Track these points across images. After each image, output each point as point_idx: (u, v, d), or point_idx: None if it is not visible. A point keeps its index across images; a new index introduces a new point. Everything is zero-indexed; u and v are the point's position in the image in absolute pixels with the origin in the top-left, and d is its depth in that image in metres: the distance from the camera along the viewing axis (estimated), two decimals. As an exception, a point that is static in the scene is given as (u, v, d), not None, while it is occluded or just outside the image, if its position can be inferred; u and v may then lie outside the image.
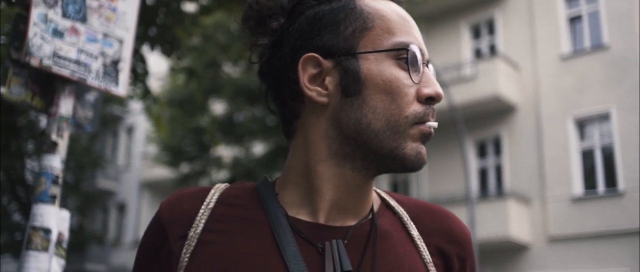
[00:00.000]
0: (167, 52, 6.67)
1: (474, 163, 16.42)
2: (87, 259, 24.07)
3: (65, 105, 2.60)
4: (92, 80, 2.71)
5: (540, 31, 16.05)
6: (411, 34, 1.00)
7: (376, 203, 1.08)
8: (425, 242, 1.06)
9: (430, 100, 0.98)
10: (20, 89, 2.51)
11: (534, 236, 15.13)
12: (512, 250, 15.18)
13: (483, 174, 16.62)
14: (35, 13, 2.49)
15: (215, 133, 16.93)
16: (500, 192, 15.69)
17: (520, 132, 15.79)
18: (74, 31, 2.62)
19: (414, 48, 0.98)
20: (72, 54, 2.61)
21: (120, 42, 2.86)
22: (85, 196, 24.58)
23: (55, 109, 2.57)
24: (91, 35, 2.74)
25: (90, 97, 2.83)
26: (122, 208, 25.21)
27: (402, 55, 0.97)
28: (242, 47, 11.13)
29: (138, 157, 26.17)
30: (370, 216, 1.04)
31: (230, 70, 15.85)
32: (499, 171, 16.28)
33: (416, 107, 0.97)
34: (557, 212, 14.91)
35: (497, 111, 15.91)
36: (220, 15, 9.76)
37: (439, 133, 13.37)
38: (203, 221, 0.99)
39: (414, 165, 0.98)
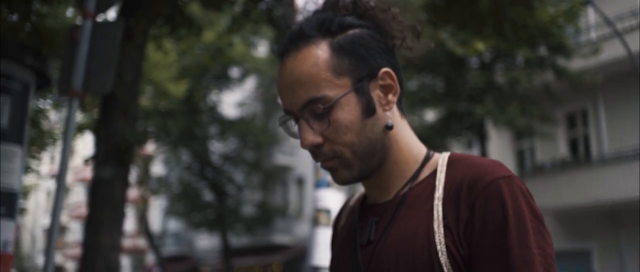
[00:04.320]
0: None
1: (658, 114, 15.86)
2: (272, 231, 25.61)
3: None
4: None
5: None
6: (283, 101, 1.28)
7: (429, 170, 1.30)
8: (444, 202, 1.20)
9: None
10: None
11: None
12: None
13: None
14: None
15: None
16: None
17: None
18: None
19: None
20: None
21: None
22: (266, 172, 25.89)
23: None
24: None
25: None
26: (300, 182, 26.54)
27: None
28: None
29: (312, 132, 27.16)
30: (407, 188, 1.29)
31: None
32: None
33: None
34: None
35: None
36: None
37: (617, 84, 13.02)
38: None
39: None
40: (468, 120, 16.32)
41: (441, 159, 1.29)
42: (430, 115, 18.92)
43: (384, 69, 1.26)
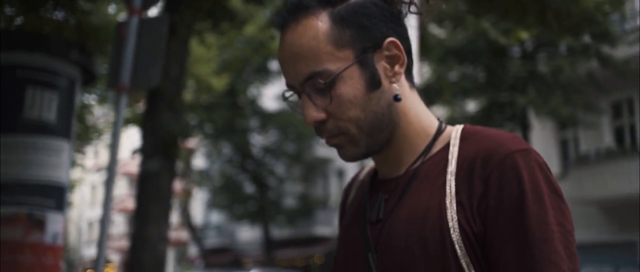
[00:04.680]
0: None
1: None
2: (313, 223, 25.71)
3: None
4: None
5: None
6: (285, 75, 1.24)
7: (441, 143, 1.24)
8: (457, 177, 1.15)
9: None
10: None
11: None
12: None
13: None
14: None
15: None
16: None
17: None
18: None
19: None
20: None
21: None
22: (307, 164, 25.98)
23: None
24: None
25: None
26: (340, 174, 26.58)
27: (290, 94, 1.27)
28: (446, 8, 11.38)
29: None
30: (418, 162, 1.24)
31: (437, 31, 16.03)
32: None
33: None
34: None
35: None
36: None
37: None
38: None
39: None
40: (510, 111, 16.16)
41: (454, 131, 1.24)
42: (472, 106, 18.78)
43: (389, 39, 1.20)
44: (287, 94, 1.26)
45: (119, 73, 4.23)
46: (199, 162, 30.24)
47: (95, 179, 44.90)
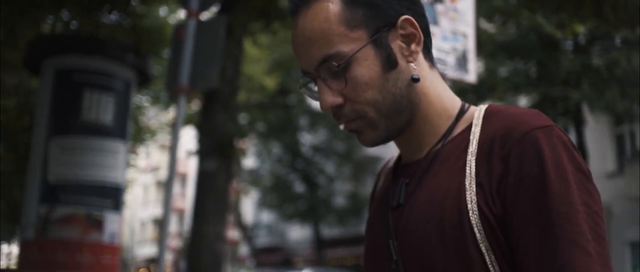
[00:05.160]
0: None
1: None
2: (363, 222, 25.47)
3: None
4: (450, 73, 3.31)
5: None
6: (299, 62, 1.20)
7: (464, 124, 1.19)
8: (478, 157, 1.10)
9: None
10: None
11: None
12: None
13: None
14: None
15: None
16: None
17: None
18: (431, 34, 3.22)
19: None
20: (433, 53, 3.21)
21: (465, 36, 3.42)
22: (357, 163, 25.97)
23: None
24: (443, 35, 3.34)
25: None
26: (390, 173, 26.24)
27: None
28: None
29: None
30: (440, 144, 1.19)
31: (487, 26, 15.83)
32: None
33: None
34: None
35: None
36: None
37: None
38: None
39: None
40: (563, 106, 15.86)
41: (477, 111, 1.19)
42: (523, 102, 18.50)
43: (404, 17, 1.15)
44: (304, 81, 1.22)
45: (177, 75, 4.30)
46: (249, 162, 30.52)
47: (147, 180, 45.71)
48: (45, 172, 4.61)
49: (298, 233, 31.17)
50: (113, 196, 4.89)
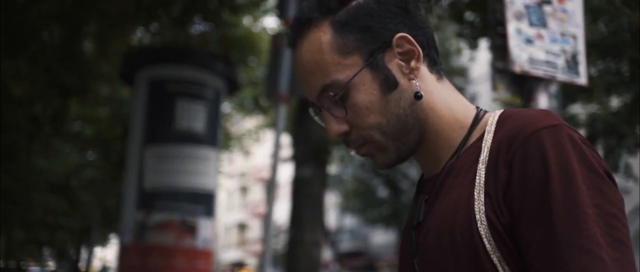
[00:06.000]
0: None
1: None
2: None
3: (542, 100, 3.15)
4: (560, 76, 3.22)
5: None
6: (305, 93, 1.20)
7: (479, 132, 1.14)
8: (488, 165, 1.05)
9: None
10: (505, 92, 3.10)
11: None
12: None
13: None
14: (511, 27, 3.06)
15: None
16: None
17: None
18: (539, 36, 3.18)
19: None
20: (542, 56, 3.16)
21: (574, 37, 3.32)
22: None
23: (533, 104, 3.12)
24: (552, 37, 3.26)
25: (552, 88, 3.34)
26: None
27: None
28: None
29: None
30: (455, 157, 1.15)
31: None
32: None
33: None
34: None
35: None
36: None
37: None
38: None
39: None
40: (659, 106, 15.21)
41: (491, 117, 1.13)
42: (616, 102, 17.81)
43: (399, 34, 1.12)
44: (314, 110, 1.21)
45: (276, 83, 4.36)
46: (332, 167, 30.64)
47: (231, 185, 46.52)
48: (141, 179, 4.76)
49: (382, 238, 31.06)
50: (205, 202, 5.00)
